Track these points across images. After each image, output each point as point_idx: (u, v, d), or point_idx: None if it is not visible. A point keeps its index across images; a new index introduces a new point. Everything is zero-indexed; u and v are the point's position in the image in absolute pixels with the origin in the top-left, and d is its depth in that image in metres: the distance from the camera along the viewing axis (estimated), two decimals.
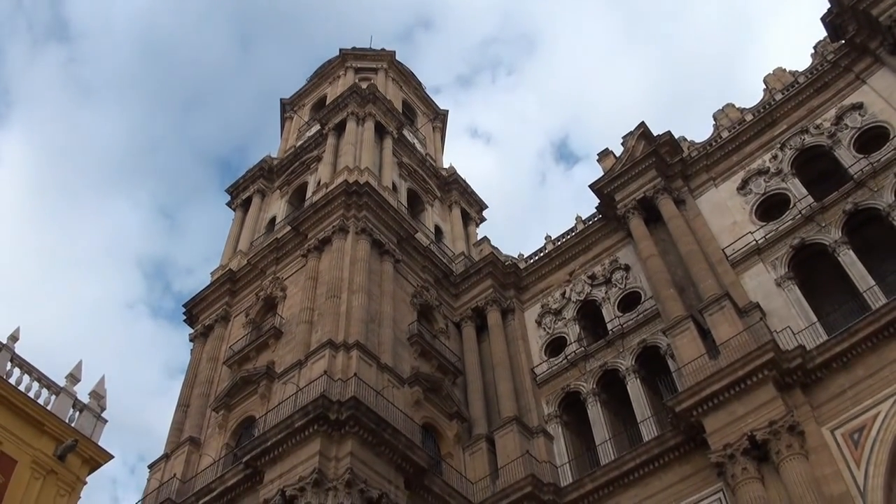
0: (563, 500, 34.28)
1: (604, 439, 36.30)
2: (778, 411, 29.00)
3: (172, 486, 35.01)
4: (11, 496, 19.37)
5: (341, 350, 34.34)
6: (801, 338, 31.64)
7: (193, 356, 43.63)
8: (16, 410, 20.38)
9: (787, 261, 35.47)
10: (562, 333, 42.16)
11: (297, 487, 28.90)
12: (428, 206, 53.32)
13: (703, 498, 30.87)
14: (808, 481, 27.29)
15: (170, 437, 39.13)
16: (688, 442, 31.91)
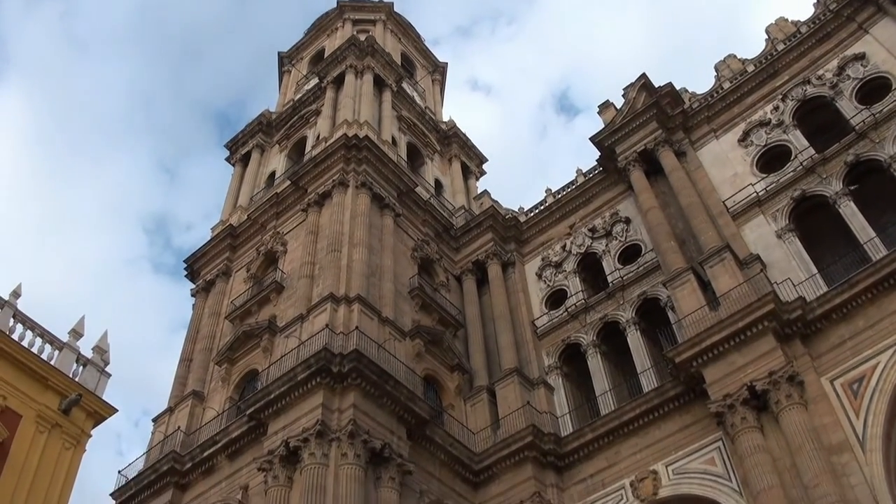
0: (563, 449, 34.66)
1: (604, 390, 36.62)
2: (777, 362, 29.19)
3: (177, 439, 35.35)
4: (17, 450, 19.56)
5: (342, 304, 34.45)
6: (802, 289, 31.75)
7: (195, 311, 43.79)
8: (20, 366, 20.50)
9: (788, 213, 35.44)
10: (562, 286, 42.29)
11: (301, 439, 29.20)
12: (428, 160, 53.15)
13: (702, 447, 31.24)
14: (808, 430, 27.57)
15: (173, 391, 39.41)
16: (687, 392, 32.19)
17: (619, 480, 32.92)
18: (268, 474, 29.62)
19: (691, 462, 31.30)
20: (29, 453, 19.78)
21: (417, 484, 31.63)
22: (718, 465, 30.44)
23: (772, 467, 27.65)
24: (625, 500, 32.40)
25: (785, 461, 27.61)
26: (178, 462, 33.95)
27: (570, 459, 34.70)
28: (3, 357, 20.28)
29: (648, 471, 32.19)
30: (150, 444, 37.34)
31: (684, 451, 31.62)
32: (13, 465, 19.24)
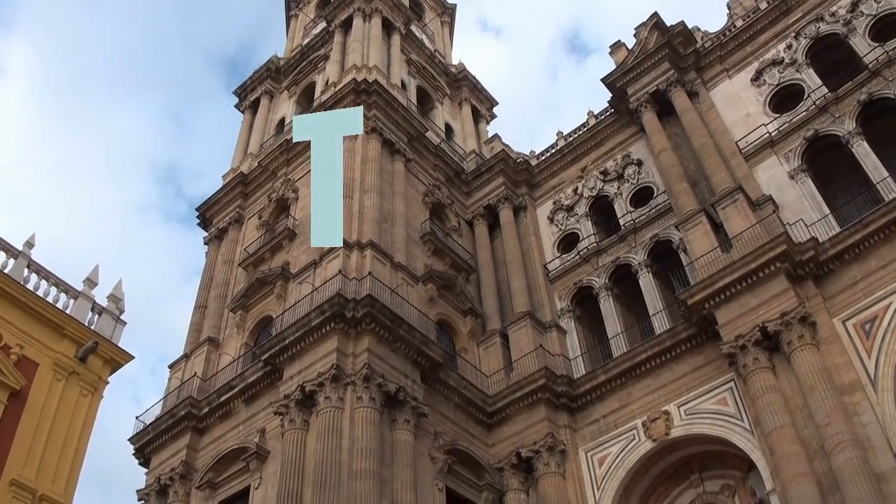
0: (576, 391, 34.95)
1: (616, 332, 36.78)
2: (790, 303, 29.21)
3: (193, 385, 35.77)
4: (35, 397, 19.81)
5: (355, 249, 34.55)
6: (814, 230, 31.63)
7: (208, 259, 44.00)
8: (35, 315, 20.67)
9: (801, 153, 35.15)
10: (574, 229, 42.24)
11: (317, 383, 29.55)
12: (438, 104, 52.77)
13: (714, 388, 31.47)
14: (820, 371, 27.70)
15: (189, 338, 39.78)
16: (700, 334, 32.31)
17: (632, 421, 33.24)
18: (284, 418, 30.04)
19: (703, 402, 31.54)
20: (47, 400, 20.03)
21: (432, 426, 32.02)
22: (730, 405, 30.68)
23: (783, 407, 27.85)
24: (637, 440, 32.75)
25: (797, 401, 27.80)
26: (195, 407, 34.41)
27: (583, 401, 35.00)
28: (19, 306, 20.45)
29: (660, 411, 32.46)
30: (167, 390, 37.79)
31: (696, 391, 31.86)
32: (31, 412, 19.50)
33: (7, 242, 21.33)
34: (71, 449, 20.19)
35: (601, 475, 33.05)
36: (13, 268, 21.08)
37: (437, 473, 31.41)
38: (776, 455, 27.28)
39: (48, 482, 19.14)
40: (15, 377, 19.37)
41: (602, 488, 32.75)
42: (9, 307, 20.31)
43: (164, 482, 33.66)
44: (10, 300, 20.39)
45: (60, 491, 19.41)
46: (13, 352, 19.76)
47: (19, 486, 18.30)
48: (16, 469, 18.51)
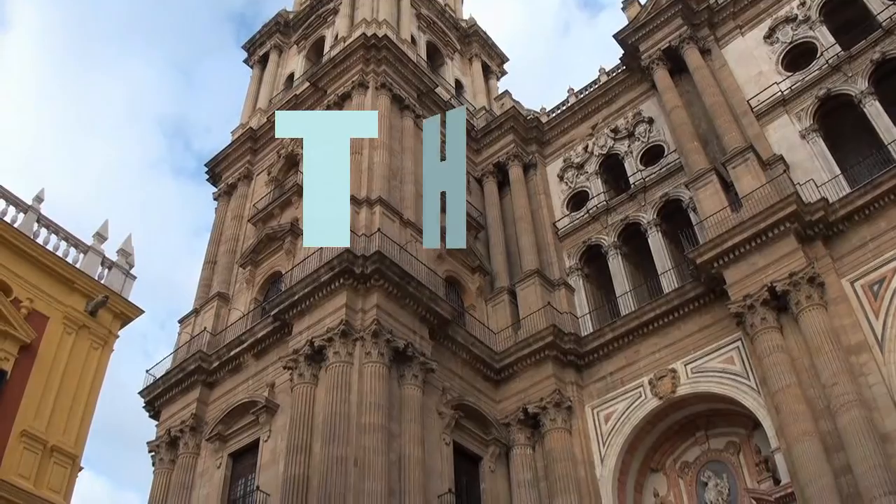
0: (583, 348, 35.11)
1: (624, 291, 36.82)
2: (799, 263, 29.16)
3: (203, 339, 36.05)
4: (45, 351, 19.98)
5: (364, 206, 34.55)
6: (824, 190, 31.46)
7: (218, 214, 44.07)
8: (45, 269, 20.77)
9: (813, 112, 34.84)
10: (584, 188, 42.11)
11: (325, 338, 29.75)
12: (448, 60, 52.35)
13: (721, 347, 31.57)
14: (827, 331, 27.73)
15: (198, 293, 40.00)
16: (708, 293, 32.34)
17: (638, 379, 33.43)
18: (293, 372, 30.30)
19: (710, 361, 31.67)
20: (57, 354, 20.20)
21: (440, 381, 32.26)
22: (737, 364, 30.80)
23: (790, 367, 27.94)
24: (643, 397, 32.96)
25: (803, 361, 27.87)
26: (205, 361, 34.72)
27: (590, 358, 35.18)
28: (29, 260, 20.56)
29: (667, 369, 32.62)
30: (177, 345, 38.09)
31: (703, 350, 31.98)
32: (42, 365, 19.69)
33: (16, 197, 21.39)
34: (81, 401, 20.40)
35: (607, 431, 33.32)
36: (23, 222, 21.16)
37: (444, 428, 31.72)
38: (782, 414, 27.42)
39: (59, 433, 19.38)
40: (25, 330, 19.52)
41: (608, 444, 33.05)
42: (19, 261, 20.42)
43: (174, 434, 34.08)
44: (20, 254, 20.49)
45: (71, 442, 19.66)
46: (23, 305, 19.90)
47: (30, 437, 18.55)
48: (27, 420, 18.74)
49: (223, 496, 31.30)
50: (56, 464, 18.92)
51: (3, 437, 18.11)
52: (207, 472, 32.55)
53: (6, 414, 18.43)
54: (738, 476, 31.70)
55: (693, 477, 32.91)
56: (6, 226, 20.46)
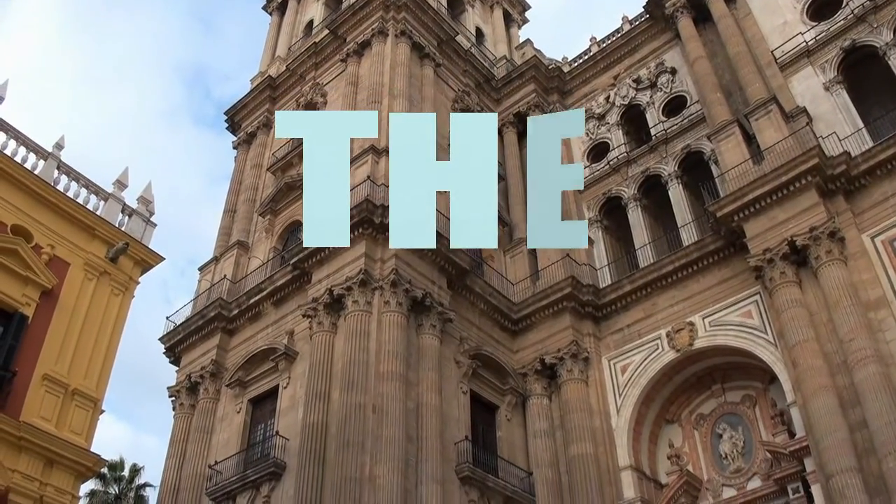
0: (601, 300, 35.15)
1: (643, 243, 36.73)
2: (819, 217, 28.93)
3: (223, 287, 36.32)
4: (67, 296, 20.17)
5: (384, 155, 34.44)
6: (847, 144, 31.08)
7: (237, 163, 44.11)
8: (66, 216, 20.89)
9: (837, 64, 34.27)
10: (605, 138, 41.76)
11: (345, 287, 29.91)
12: (468, 7, 51.61)
13: (740, 300, 31.53)
14: (846, 286, 27.59)
15: (218, 242, 40.22)
16: (727, 247, 32.21)
17: (656, 331, 33.49)
18: (312, 320, 30.52)
19: (728, 315, 31.65)
20: (78, 299, 20.38)
21: (457, 331, 32.41)
22: (755, 317, 30.77)
23: (808, 321, 27.87)
24: (660, 349, 33.03)
25: (821, 316, 27.80)
26: (225, 308, 35.01)
27: (608, 310, 35.24)
28: (50, 207, 20.67)
29: (685, 322, 32.65)
30: (197, 292, 38.42)
31: (721, 303, 31.94)
32: (63, 310, 19.90)
33: (37, 143, 21.45)
34: (102, 346, 20.63)
35: (623, 382, 33.48)
36: (43, 169, 21.25)
37: (461, 377, 31.96)
38: (799, 368, 27.43)
39: (80, 377, 19.64)
40: (47, 276, 19.71)
41: (624, 395, 33.22)
42: (40, 208, 20.54)
43: (194, 380, 34.52)
44: (41, 201, 20.60)
45: (92, 386, 19.92)
46: (44, 252, 20.06)
47: (52, 381, 18.82)
48: (48, 364, 19.00)
49: (243, 440, 31.78)
50: (77, 407, 19.20)
51: (25, 380, 18.39)
52: (227, 417, 33.02)
53: (28, 358, 18.69)
54: (753, 429, 31.85)
55: (708, 429, 33.09)
56: (26, 172, 20.56)
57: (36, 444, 17.75)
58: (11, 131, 20.93)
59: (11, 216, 19.92)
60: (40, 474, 17.80)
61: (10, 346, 18.42)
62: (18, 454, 17.52)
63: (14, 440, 17.46)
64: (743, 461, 31.55)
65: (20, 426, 17.58)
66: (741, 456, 31.66)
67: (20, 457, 17.53)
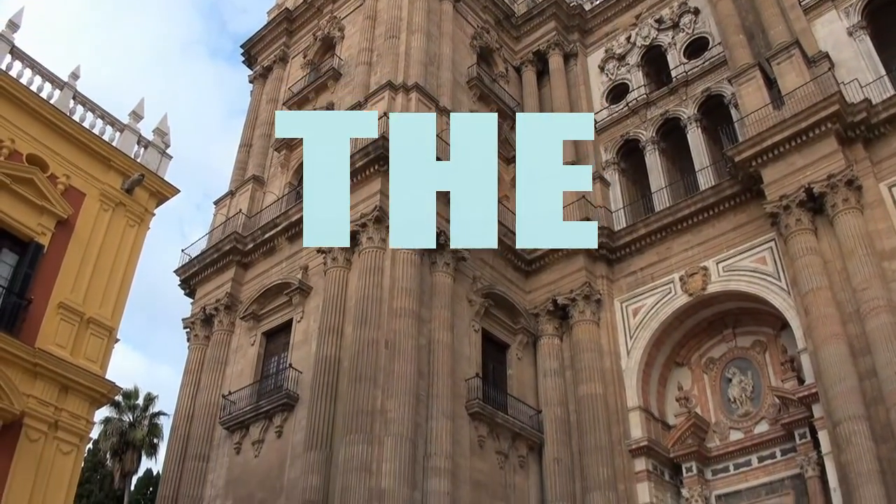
0: (615, 243, 35.13)
1: (660, 187, 36.52)
2: (837, 165, 28.66)
3: (238, 221, 36.44)
4: (82, 227, 20.23)
5: (400, 92, 34.22)
6: (868, 91, 30.59)
7: (253, 97, 43.91)
8: (82, 146, 20.85)
9: (861, 8, 33.60)
10: (624, 80, 41.26)
11: (360, 223, 29.97)
12: None
13: (754, 246, 31.46)
14: (861, 235, 27.46)
15: (234, 176, 40.24)
16: (744, 192, 32.02)
17: (669, 275, 33.51)
18: (327, 256, 30.67)
19: (742, 260, 31.61)
20: (94, 230, 20.44)
21: (471, 270, 32.49)
22: (769, 264, 30.73)
23: (822, 269, 27.81)
24: (673, 293, 33.09)
25: (836, 264, 27.74)
26: (240, 242, 35.19)
27: (622, 253, 35.26)
28: (65, 137, 20.64)
29: (699, 267, 32.65)
30: (212, 226, 38.56)
31: (736, 249, 31.90)
32: (79, 240, 19.98)
33: (52, 73, 21.36)
34: (117, 276, 20.75)
35: (634, 325, 33.64)
36: (59, 99, 21.18)
37: (473, 315, 32.13)
38: (811, 315, 27.44)
39: (96, 306, 19.80)
40: (62, 206, 19.78)
41: (635, 337, 33.41)
42: (55, 138, 20.52)
43: (209, 312, 34.86)
44: (57, 131, 20.57)
45: (108, 315, 20.09)
46: (60, 181, 20.09)
47: (67, 309, 18.99)
48: (63, 293, 19.15)
49: (256, 372, 32.20)
50: (93, 335, 19.39)
51: (41, 308, 18.57)
52: (241, 349, 33.41)
53: (43, 286, 18.83)
54: (762, 374, 32.04)
55: (718, 373, 33.30)
56: (42, 102, 20.51)
57: (51, 370, 17.99)
58: (27, 60, 20.86)
59: (27, 146, 19.93)
60: (55, 399, 18.05)
61: (25, 274, 18.60)
62: (34, 380, 17.78)
63: (29, 366, 17.70)
64: (751, 405, 31.82)
65: (35, 353, 17.82)
66: (749, 400, 31.93)
67: (35, 382, 17.79)
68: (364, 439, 25.73)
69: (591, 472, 30.34)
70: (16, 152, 19.63)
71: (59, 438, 18.00)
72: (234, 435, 30.73)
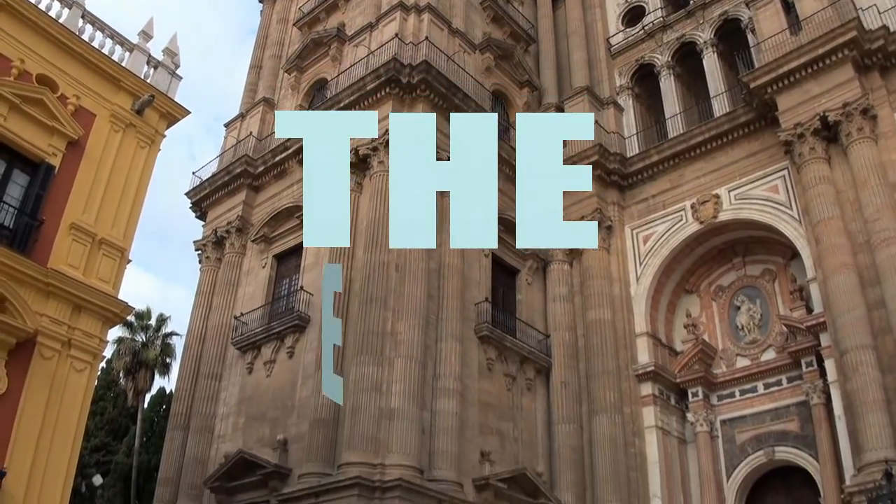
0: (627, 169, 34.98)
1: (674, 113, 36.16)
2: (853, 93, 28.24)
3: (249, 144, 36.31)
4: (93, 147, 20.15)
5: (412, 12, 33.70)
6: (887, 17, 29.91)
7: (263, 17, 43.29)
8: (91, 67, 20.65)
9: None
10: (640, 2, 40.40)
11: (370, 147, 29.86)
12: None
13: (767, 175, 31.28)
14: (875, 165, 27.24)
15: (244, 98, 39.93)
16: (759, 119, 31.69)
17: (681, 202, 33.43)
18: None
19: (754, 189, 31.46)
20: (104, 151, 20.35)
21: None
22: (781, 193, 30.59)
23: (834, 199, 27.69)
24: (684, 220, 33.07)
25: (848, 194, 27.59)
26: (251, 165, 35.13)
27: (634, 179, 35.13)
28: (75, 57, 20.44)
29: (711, 194, 32.53)
30: (223, 148, 38.43)
31: (748, 177, 31.72)
32: (90, 161, 19.93)
33: None
34: (129, 197, 20.76)
35: (645, 252, 33.71)
36: (68, 17, 20.93)
37: None
38: (821, 245, 27.41)
39: (107, 227, 19.85)
40: (73, 127, 19.71)
41: (644, 264, 33.51)
42: (64, 57, 20.33)
43: (220, 234, 35.01)
44: (66, 50, 20.36)
45: (119, 236, 20.16)
46: (70, 102, 19.97)
47: (79, 230, 19.06)
48: (75, 214, 19.20)
49: (268, 294, 32.49)
50: (105, 255, 19.48)
51: (53, 229, 18.64)
52: (253, 271, 33.65)
53: (55, 207, 18.87)
54: (771, 303, 32.17)
55: (726, 300, 33.46)
56: (51, 21, 20.27)
57: (63, 289, 18.15)
58: None
59: (36, 66, 19.78)
60: (68, 319, 18.22)
61: (37, 195, 18.64)
62: (46, 299, 17.95)
63: (42, 286, 17.85)
64: (759, 333, 32.02)
65: (48, 273, 17.95)
66: (757, 328, 32.13)
67: (48, 302, 17.96)
68: (374, 360, 26.14)
69: (598, 396, 30.75)
70: (25, 72, 19.49)
71: (72, 356, 18.24)
72: (246, 355, 31.18)
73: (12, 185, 18.69)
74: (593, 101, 36.93)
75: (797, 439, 29.48)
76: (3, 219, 18.04)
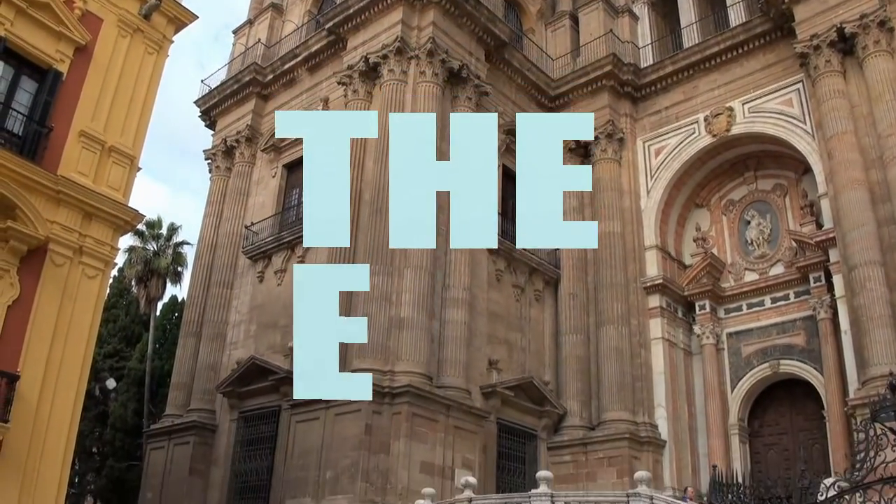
0: (641, 80, 34.55)
1: (690, 22, 35.49)
2: (871, 4, 27.67)
3: (258, 51, 35.93)
4: (101, 53, 19.93)
5: None
6: None
7: None
8: None
9: None
10: None
11: (380, 55, 29.48)
12: None
13: (781, 87, 30.87)
14: (891, 80, 26.84)
15: (252, 3, 39.35)
16: (775, 30, 31.12)
17: (694, 115, 33.09)
18: (347, 88, 30.34)
19: (768, 102, 31.07)
20: (112, 57, 20.15)
21: (493, 105, 32.09)
22: (795, 106, 30.21)
23: (848, 113, 27.36)
24: (696, 133, 32.78)
25: (862, 109, 27.27)
26: (260, 73, 34.81)
27: (647, 91, 34.73)
28: None
29: (724, 107, 32.17)
30: (232, 56, 38.06)
31: (763, 90, 31.28)
32: (98, 67, 19.76)
33: None
34: (138, 104, 20.64)
35: (656, 165, 33.51)
36: None
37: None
38: (834, 160, 27.21)
39: (116, 134, 19.80)
40: (80, 32, 19.48)
41: (655, 177, 33.36)
42: None
43: (230, 144, 34.92)
44: None
45: (129, 143, 20.12)
46: (77, 6, 19.69)
47: (88, 137, 19.01)
48: (84, 121, 19.12)
49: (278, 203, 32.56)
50: (114, 163, 19.47)
51: (62, 136, 18.58)
52: (263, 181, 33.66)
53: (63, 115, 18.78)
54: (781, 217, 32.12)
55: (737, 215, 33.41)
56: None
57: (74, 197, 18.19)
58: None
59: None
60: (79, 226, 18.31)
61: (45, 102, 18.55)
62: (57, 207, 18.00)
63: (52, 193, 17.89)
64: (768, 248, 32.06)
65: (58, 180, 17.98)
66: (767, 243, 32.15)
67: (59, 209, 18.02)
68: (384, 270, 26.28)
69: (606, 307, 31.02)
70: None
71: (84, 263, 18.40)
72: (258, 264, 31.42)
73: (21, 91, 18.62)
74: (608, 9, 36.26)
75: (802, 353, 29.77)
76: (12, 125, 18.02)
